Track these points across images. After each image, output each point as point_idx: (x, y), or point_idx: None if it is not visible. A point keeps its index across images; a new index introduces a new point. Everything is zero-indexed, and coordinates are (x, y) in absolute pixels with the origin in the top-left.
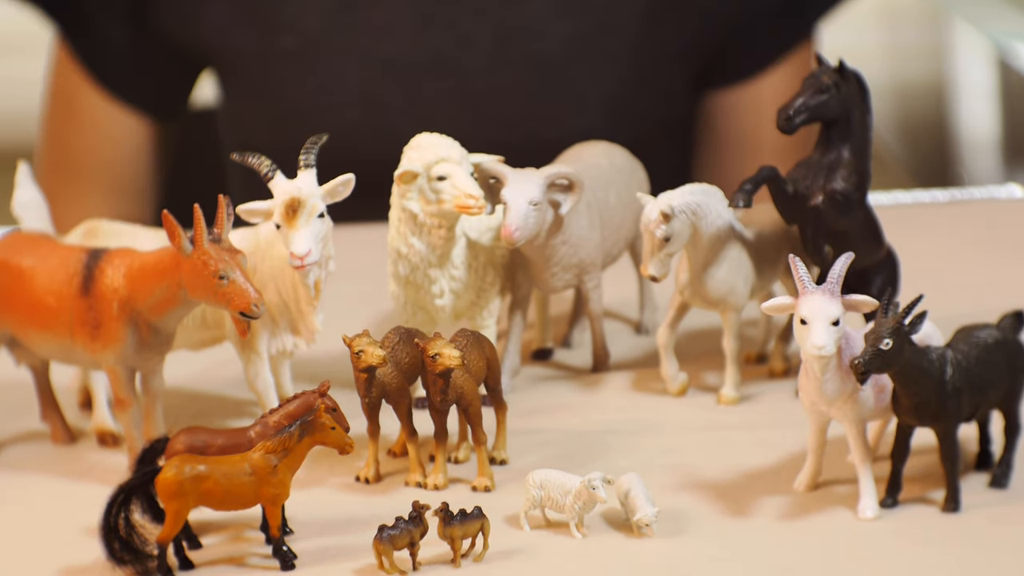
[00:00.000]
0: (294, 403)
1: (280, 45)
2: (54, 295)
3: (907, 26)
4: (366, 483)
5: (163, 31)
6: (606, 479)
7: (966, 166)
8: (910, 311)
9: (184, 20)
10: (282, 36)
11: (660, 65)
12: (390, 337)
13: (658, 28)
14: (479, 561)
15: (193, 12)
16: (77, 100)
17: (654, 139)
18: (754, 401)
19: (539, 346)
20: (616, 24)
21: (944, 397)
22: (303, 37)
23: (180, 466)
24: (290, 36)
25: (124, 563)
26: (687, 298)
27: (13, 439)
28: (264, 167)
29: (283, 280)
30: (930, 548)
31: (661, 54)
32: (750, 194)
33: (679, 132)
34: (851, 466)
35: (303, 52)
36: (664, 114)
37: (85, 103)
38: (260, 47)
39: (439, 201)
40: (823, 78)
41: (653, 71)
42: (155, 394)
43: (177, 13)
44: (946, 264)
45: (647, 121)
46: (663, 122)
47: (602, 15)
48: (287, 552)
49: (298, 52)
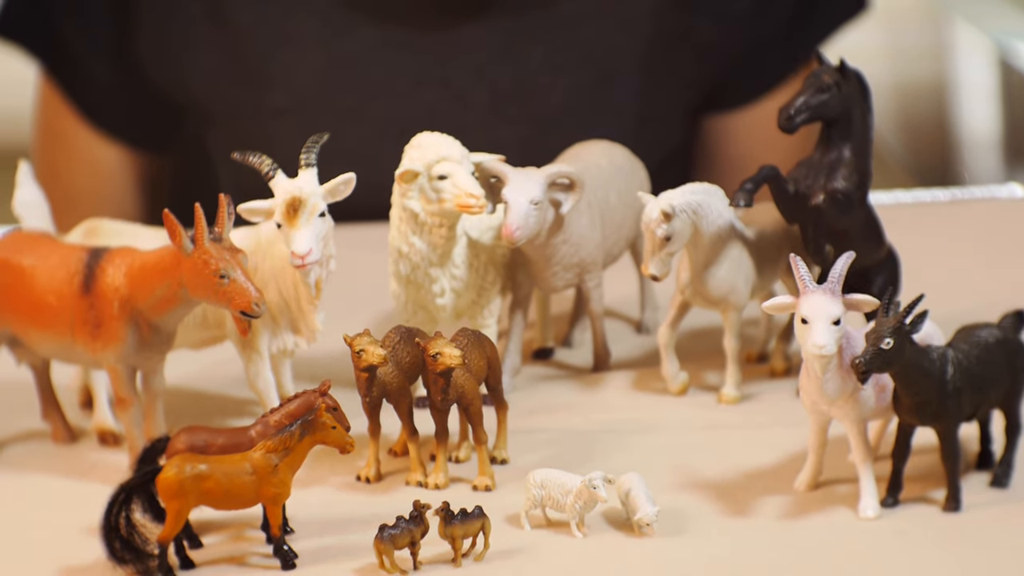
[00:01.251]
0: (295, 402)
1: (271, 102)
2: (55, 294)
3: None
4: (367, 482)
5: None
6: (607, 478)
7: (967, 166)
8: (911, 310)
9: (170, 64)
10: (273, 92)
11: (661, 105)
12: (391, 336)
13: (658, 72)
14: (480, 560)
15: (177, 61)
16: (66, 135)
17: (657, 170)
18: (755, 400)
19: (540, 345)
20: (614, 76)
21: (945, 396)
22: (295, 95)
23: (181, 465)
24: (282, 93)
25: (125, 562)
26: (688, 297)
27: (14, 438)
28: (265, 166)
29: (284, 279)
30: (931, 548)
31: (662, 95)
32: (751, 193)
33: (680, 159)
34: (852, 465)
35: (296, 110)
36: (664, 148)
37: (74, 138)
38: (251, 102)
39: (440, 200)
40: (824, 77)
41: (655, 112)
42: (156, 393)
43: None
44: (947, 263)
45: (648, 159)
46: (663, 155)
47: (600, 66)
48: (288, 551)
49: (290, 109)
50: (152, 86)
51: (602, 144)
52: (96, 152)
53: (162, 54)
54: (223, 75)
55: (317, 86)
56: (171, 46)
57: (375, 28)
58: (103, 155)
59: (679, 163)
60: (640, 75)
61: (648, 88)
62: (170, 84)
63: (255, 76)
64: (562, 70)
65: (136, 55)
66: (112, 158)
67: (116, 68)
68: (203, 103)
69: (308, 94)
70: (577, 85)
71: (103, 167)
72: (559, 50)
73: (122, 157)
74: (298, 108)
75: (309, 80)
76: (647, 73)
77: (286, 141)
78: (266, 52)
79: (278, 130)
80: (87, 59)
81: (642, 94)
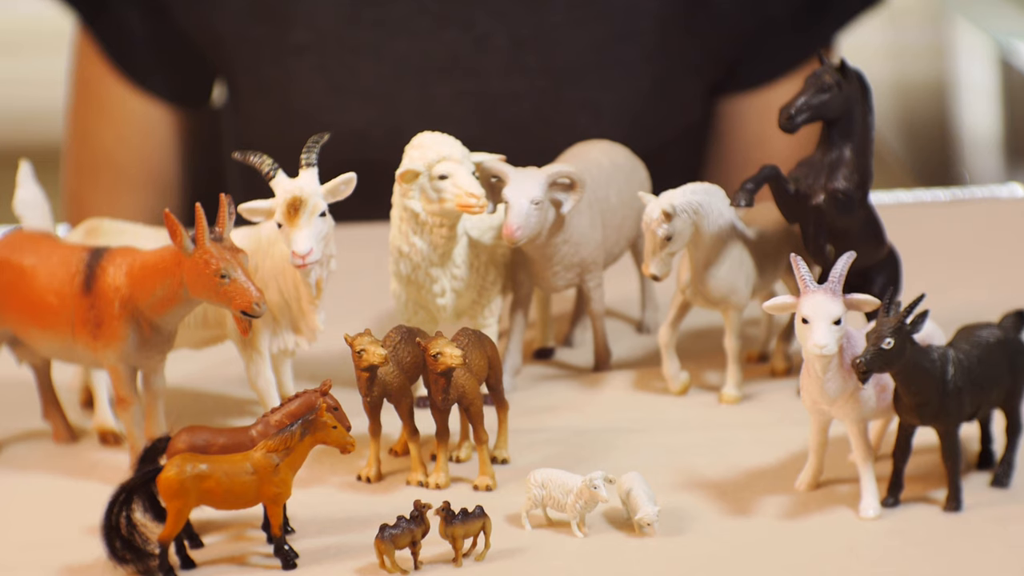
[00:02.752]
0: (296, 402)
1: (293, 39)
2: (56, 294)
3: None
4: (367, 482)
5: (178, 19)
6: (607, 478)
7: (967, 165)
8: (912, 310)
9: (198, 7)
10: (295, 30)
11: (676, 75)
12: (391, 336)
13: (674, 38)
14: (481, 560)
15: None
16: (102, 92)
17: (669, 147)
18: (755, 400)
19: (541, 345)
20: (632, 34)
21: (946, 396)
22: (316, 31)
23: (182, 465)
24: (303, 30)
25: (125, 562)
26: (689, 297)
27: (15, 438)
28: (266, 166)
29: (285, 279)
30: (931, 547)
31: (677, 64)
32: (752, 193)
33: (693, 139)
34: (852, 465)
35: (316, 47)
36: (679, 122)
37: (110, 95)
38: (272, 40)
39: (441, 200)
40: (825, 77)
41: (669, 81)
42: (157, 393)
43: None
44: (947, 263)
45: (662, 130)
46: (678, 130)
47: (618, 25)
48: (288, 551)
49: (311, 47)
50: (184, 36)
51: (603, 144)
52: (128, 107)
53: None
54: (248, 15)
55: (338, 23)
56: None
57: None
58: (134, 111)
59: (693, 142)
60: (657, 36)
61: (665, 51)
62: (197, 27)
63: (277, 14)
64: (581, 24)
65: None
66: (144, 114)
67: (147, 15)
68: (228, 45)
69: (329, 31)
70: (595, 40)
71: (134, 124)
72: (579, 4)
73: (154, 113)
74: (318, 45)
75: (331, 17)
76: (664, 35)
77: (305, 80)
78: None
79: (297, 69)
80: (120, 6)
81: (658, 56)
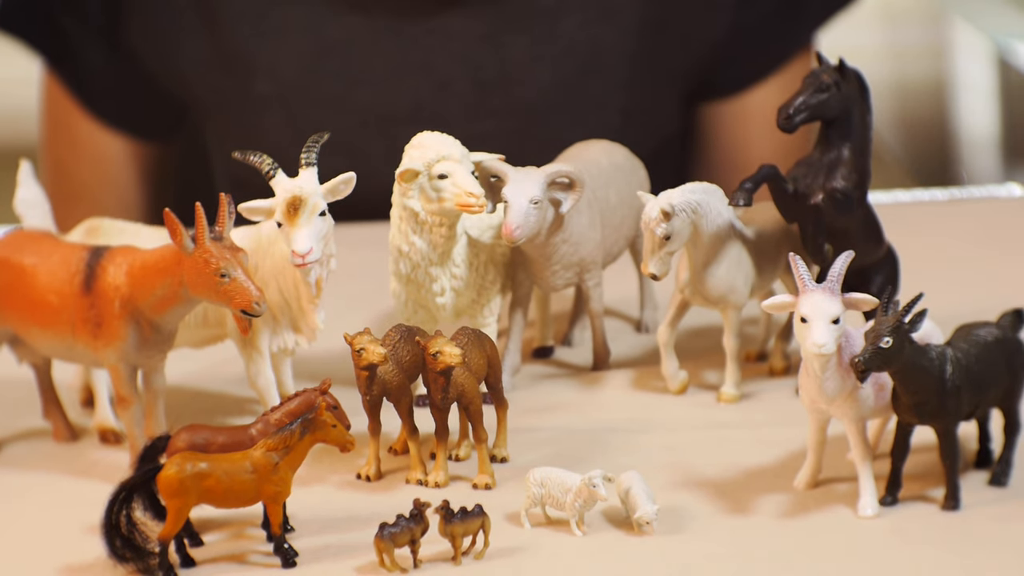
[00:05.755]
0: (295, 401)
1: (256, 89)
2: (56, 293)
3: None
4: (367, 481)
5: (145, 64)
6: (606, 477)
7: (966, 165)
8: (910, 309)
9: (161, 52)
10: (258, 81)
11: (650, 97)
12: (391, 335)
13: (644, 64)
14: (480, 559)
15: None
16: (70, 126)
17: (648, 160)
18: (754, 399)
19: (540, 344)
20: (600, 67)
21: (944, 395)
22: (279, 83)
23: (182, 464)
24: (266, 82)
25: (126, 560)
26: (687, 296)
27: (15, 437)
28: (265, 165)
29: (284, 278)
30: (930, 546)
31: (650, 87)
32: (750, 192)
33: (674, 148)
34: (851, 464)
35: (279, 98)
36: (658, 135)
37: (78, 129)
38: (238, 89)
39: (440, 199)
40: (823, 77)
41: (643, 104)
42: (157, 392)
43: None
44: (946, 263)
45: (641, 144)
46: (657, 142)
47: (585, 60)
48: (288, 550)
49: (274, 97)
50: (149, 76)
51: (602, 143)
52: (100, 143)
53: (153, 44)
54: (210, 64)
55: (301, 74)
56: (161, 36)
57: (359, 16)
58: (107, 146)
59: (674, 152)
60: (625, 67)
61: (634, 80)
62: (163, 74)
63: (240, 65)
64: (544, 61)
65: (129, 45)
66: (116, 149)
67: (112, 58)
68: (193, 92)
69: (292, 82)
70: (560, 77)
71: (107, 158)
72: (541, 41)
73: (126, 148)
74: (282, 97)
75: (293, 68)
76: (632, 65)
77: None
78: (251, 40)
79: (264, 119)
80: (85, 50)
81: (627, 86)
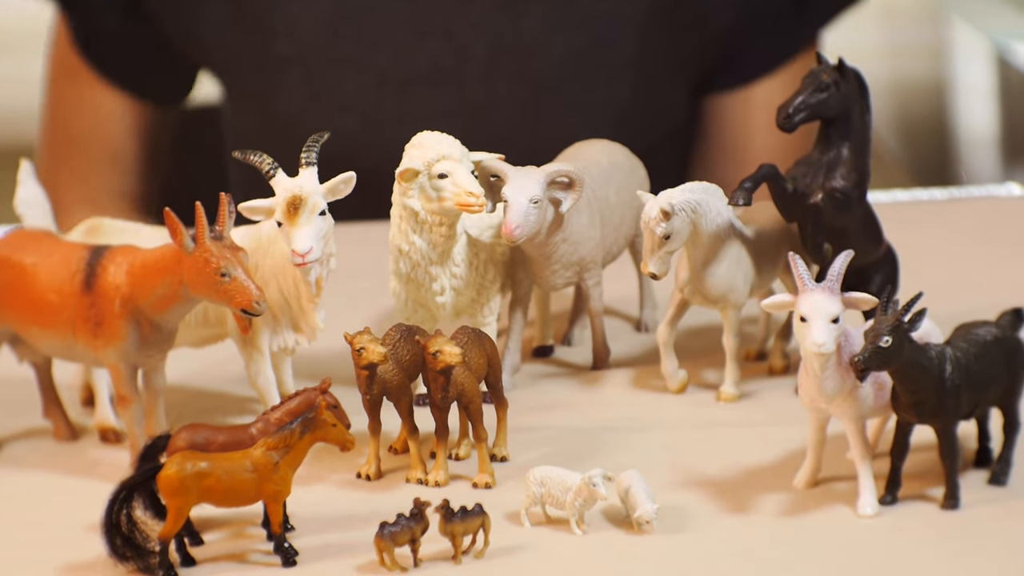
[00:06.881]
0: (295, 400)
1: (275, 50)
2: (56, 292)
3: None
4: (367, 480)
5: (159, 24)
6: (606, 476)
7: (965, 165)
8: (909, 309)
9: (180, 15)
10: (277, 41)
11: (659, 78)
12: (391, 334)
13: (656, 42)
14: (480, 558)
15: (187, 13)
16: (73, 74)
17: (654, 149)
18: (754, 398)
19: (539, 343)
20: (612, 40)
21: (943, 394)
22: (298, 44)
23: (182, 463)
24: (285, 42)
25: (126, 559)
26: (687, 296)
27: (15, 436)
28: (266, 165)
29: (285, 277)
30: (929, 545)
31: (660, 67)
32: (750, 192)
33: (679, 140)
34: (850, 463)
35: (298, 59)
36: (663, 124)
37: (81, 79)
38: (255, 50)
39: (440, 199)
40: (823, 76)
41: (652, 84)
42: (157, 391)
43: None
44: (945, 262)
45: (647, 133)
46: (663, 132)
47: (597, 31)
48: (288, 549)
49: (293, 59)
50: (164, 39)
51: (602, 143)
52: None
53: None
54: (230, 26)
55: (320, 36)
56: None
57: None
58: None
59: (679, 142)
60: (636, 43)
61: (644, 57)
62: (181, 37)
63: (260, 26)
64: (559, 31)
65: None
66: (115, 104)
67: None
68: (211, 53)
69: (311, 44)
70: (573, 47)
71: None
72: (556, 10)
73: (126, 105)
74: (301, 58)
75: (312, 30)
76: (644, 40)
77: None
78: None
79: (280, 79)
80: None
81: (638, 62)
